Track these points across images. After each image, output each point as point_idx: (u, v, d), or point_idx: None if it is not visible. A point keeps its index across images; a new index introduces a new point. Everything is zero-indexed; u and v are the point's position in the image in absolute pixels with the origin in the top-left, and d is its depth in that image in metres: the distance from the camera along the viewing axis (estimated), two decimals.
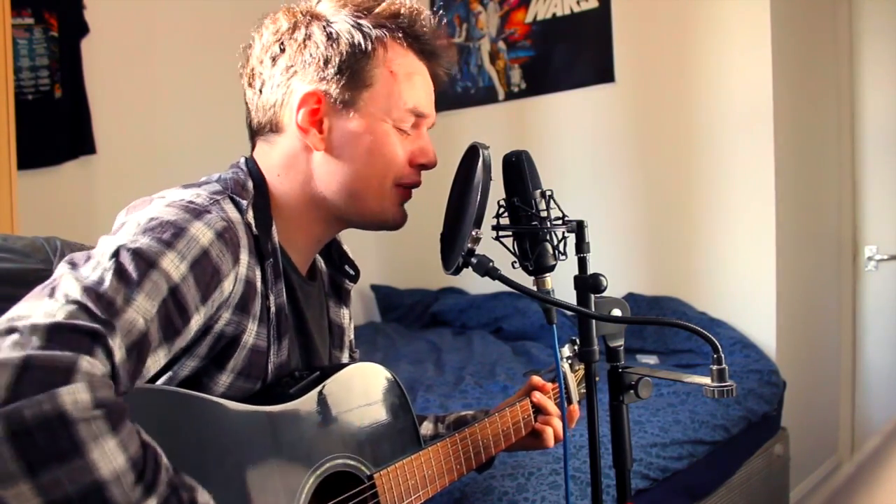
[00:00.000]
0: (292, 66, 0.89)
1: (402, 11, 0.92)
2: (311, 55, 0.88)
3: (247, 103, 0.95)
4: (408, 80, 0.92)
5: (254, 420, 0.81)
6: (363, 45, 0.88)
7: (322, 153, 0.90)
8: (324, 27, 0.89)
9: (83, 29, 2.60)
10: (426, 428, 1.16)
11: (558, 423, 1.14)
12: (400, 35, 0.92)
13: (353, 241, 1.09)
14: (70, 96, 2.56)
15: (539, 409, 1.15)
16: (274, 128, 0.92)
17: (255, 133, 0.95)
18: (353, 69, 0.88)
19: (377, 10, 0.91)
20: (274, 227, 0.88)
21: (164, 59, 2.81)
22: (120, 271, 0.69)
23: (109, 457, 0.58)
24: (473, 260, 0.87)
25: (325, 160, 0.90)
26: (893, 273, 2.74)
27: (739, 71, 2.45)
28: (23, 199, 2.03)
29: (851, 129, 2.80)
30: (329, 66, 0.88)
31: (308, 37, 0.89)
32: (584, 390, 1.23)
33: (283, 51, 0.90)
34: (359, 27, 0.89)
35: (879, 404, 2.80)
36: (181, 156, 2.75)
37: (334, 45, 0.88)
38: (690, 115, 2.57)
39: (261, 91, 0.91)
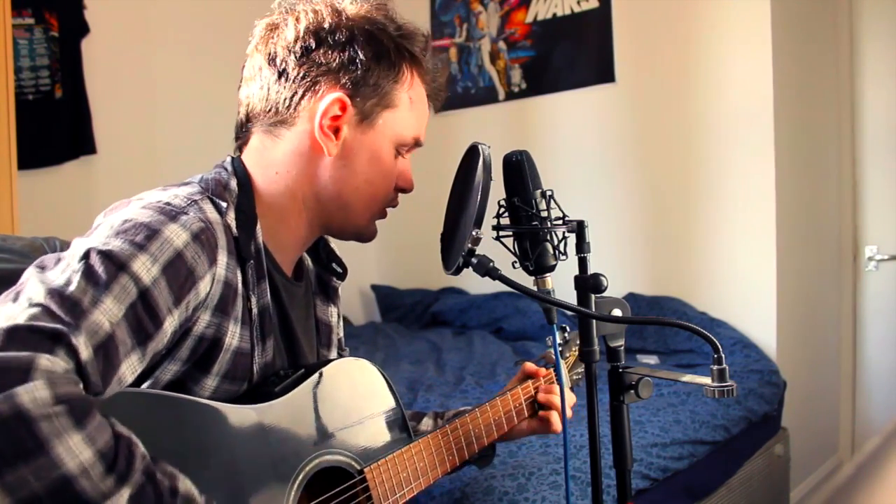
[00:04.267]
0: (325, 64, 0.88)
1: (422, 38, 0.94)
2: (349, 59, 0.88)
3: (248, 79, 0.91)
4: (419, 110, 0.95)
5: (240, 419, 0.81)
6: (397, 67, 0.90)
7: (332, 158, 0.90)
8: (367, 37, 0.89)
9: (83, 29, 2.60)
10: (426, 424, 1.16)
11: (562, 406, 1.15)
12: (419, 61, 0.94)
13: (353, 242, 1.08)
14: (70, 96, 2.56)
15: (542, 405, 1.16)
16: (285, 120, 0.90)
17: (254, 117, 0.91)
18: (385, 89, 0.90)
19: (407, 33, 0.92)
20: (258, 228, 0.88)
21: (164, 58, 2.81)
22: (88, 273, 0.68)
23: (75, 451, 0.58)
24: (474, 260, 0.87)
25: (333, 166, 0.91)
26: (894, 273, 2.74)
27: (740, 71, 2.45)
28: (23, 199, 2.03)
29: (851, 129, 2.80)
30: (367, 78, 0.88)
31: (349, 41, 0.88)
32: (576, 376, 1.24)
33: (319, 46, 0.88)
34: (398, 48, 0.90)
35: (879, 404, 2.80)
36: (181, 156, 2.75)
37: (375, 59, 0.89)
38: (690, 115, 2.57)
39: (280, 76, 0.89)
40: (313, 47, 0.88)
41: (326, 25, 0.89)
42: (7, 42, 1.93)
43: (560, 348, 1.21)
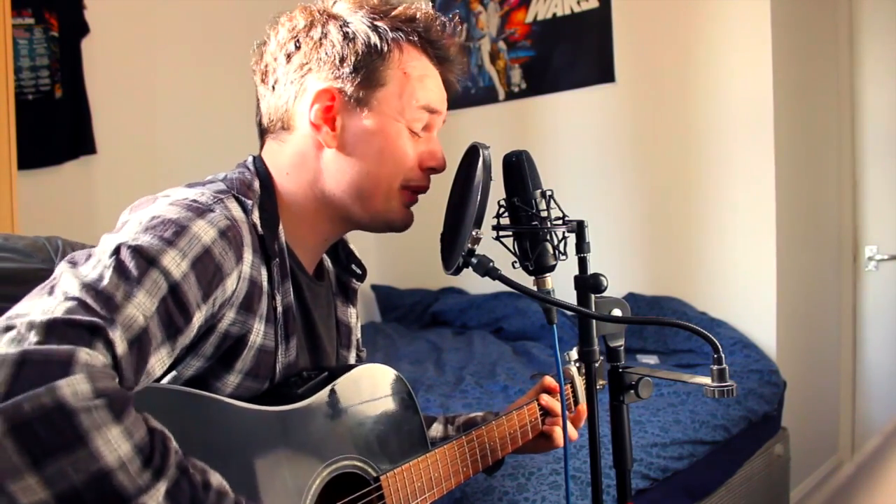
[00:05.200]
0: (307, 63, 0.89)
1: (417, 16, 0.93)
2: (326, 53, 0.88)
3: (258, 100, 0.95)
4: (420, 81, 0.92)
5: (261, 420, 0.81)
6: (379, 46, 0.89)
7: (333, 151, 0.90)
8: (340, 26, 0.89)
9: (83, 29, 2.60)
10: (436, 430, 1.16)
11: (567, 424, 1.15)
12: (415, 39, 0.93)
13: (354, 241, 1.09)
14: (70, 96, 2.56)
15: (547, 412, 1.16)
16: (285, 125, 0.92)
17: (266, 131, 0.95)
18: (368, 69, 0.89)
19: (393, 14, 0.92)
20: (281, 227, 0.88)
21: (165, 58, 2.81)
22: (120, 268, 0.69)
23: (114, 444, 0.58)
24: (473, 260, 0.87)
25: (336, 158, 0.90)
26: (893, 273, 2.74)
27: (740, 71, 2.45)
28: (23, 199, 2.03)
29: (851, 129, 2.80)
30: (344, 64, 0.88)
31: (324, 35, 0.89)
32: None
33: (298, 48, 0.90)
34: (375, 28, 0.89)
35: (879, 404, 2.80)
36: (181, 156, 2.76)
37: (350, 44, 0.88)
38: (690, 116, 2.58)
39: (273, 88, 0.92)
40: (294, 50, 0.90)
41: (301, 26, 0.91)
42: (7, 42, 1.94)
43: (577, 364, 1.21)
